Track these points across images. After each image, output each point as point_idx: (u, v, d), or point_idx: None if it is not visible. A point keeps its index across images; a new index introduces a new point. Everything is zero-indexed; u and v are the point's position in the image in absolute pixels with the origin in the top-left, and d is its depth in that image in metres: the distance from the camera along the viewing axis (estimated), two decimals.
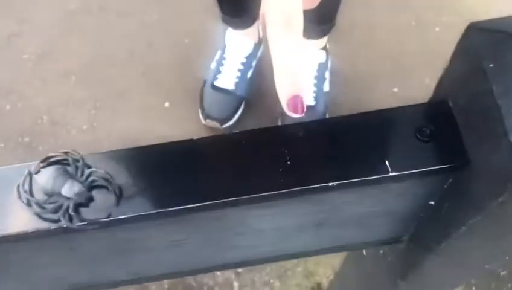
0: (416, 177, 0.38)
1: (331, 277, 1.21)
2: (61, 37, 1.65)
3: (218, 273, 1.30)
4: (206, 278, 1.30)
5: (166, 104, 1.53)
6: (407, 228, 0.53)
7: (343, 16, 1.33)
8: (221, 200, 0.36)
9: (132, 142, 1.53)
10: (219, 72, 1.42)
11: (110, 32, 1.63)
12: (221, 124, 1.46)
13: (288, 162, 0.37)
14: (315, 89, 1.37)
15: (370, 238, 0.54)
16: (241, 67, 1.43)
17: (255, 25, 1.36)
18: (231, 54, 1.41)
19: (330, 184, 0.36)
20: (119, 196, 0.37)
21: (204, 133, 1.49)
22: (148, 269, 0.50)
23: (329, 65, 1.41)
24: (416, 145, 0.37)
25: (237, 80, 1.41)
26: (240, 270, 1.28)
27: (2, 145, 1.53)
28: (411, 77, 1.49)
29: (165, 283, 1.26)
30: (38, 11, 1.66)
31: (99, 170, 0.36)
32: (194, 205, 0.36)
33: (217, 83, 1.42)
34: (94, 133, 1.52)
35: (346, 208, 0.42)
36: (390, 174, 0.36)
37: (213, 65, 1.44)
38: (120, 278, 0.52)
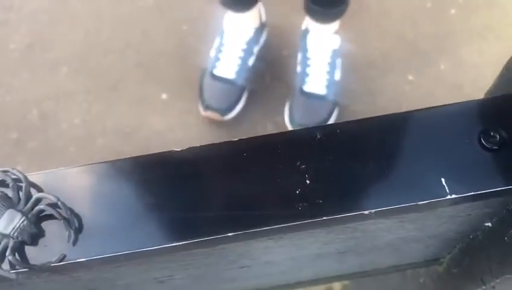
0: (480, 199, 0.28)
1: (345, 282, 1.11)
2: (51, 25, 1.55)
3: None
4: None
5: (164, 96, 1.43)
6: (448, 249, 0.43)
7: None
8: (217, 236, 0.26)
9: (127, 138, 1.43)
10: (218, 59, 1.32)
11: (103, 19, 1.53)
12: (222, 115, 1.36)
13: (308, 181, 0.27)
14: (327, 77, 1.27)
15: (401, 261, 0.44)
16: (242, 54, 1.33)
17: (256, 7, 1.25)
18: (230, 39, 1.31)
19: (366, 212, 0.26)
20: (77, 230, 0.27)
21: (205, 126, 1.40)
22: None
23: (341, 51, 1.31)
24: (481, 155, 0.27)
25: (237, 68, 1.31)
26: None
27: None
28: (426, 63, 1.39)
29: None
30: None
31: (49, 195, 0.27)
32: (178, 244, 0.26)
33: (216, 72, 1.32)
34: (87, 127, 1.43)
35: (381, 235, 0.32)
36: (449, 197, 0.26)
37: (212, 53, 1.35)
38: None
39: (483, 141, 0.27)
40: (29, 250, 0.27)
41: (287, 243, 0.30)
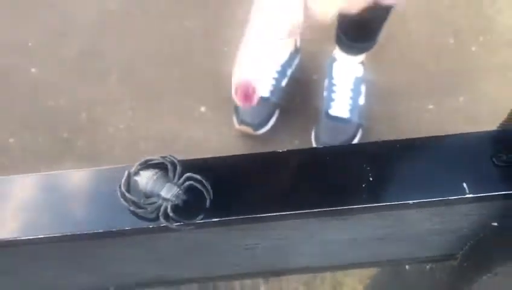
0: (490, 200, 0.40)
1: (360, 288, 1.22)
2: (102, 37, 1.68)
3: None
4: (235, 282, 1.31)
5: (202, 108, 1.55)
6: (461, 246, 0.55)
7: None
8: (308, 211, 0.38)
9: (167, 144, 1.55)
10: None
11: (150, 34, 1.66)
12: (255, 130, 1.47)
13: (371, 178, 0.39)
14: (350, 102, 1.38)
15: (424, 253, 0.56)
16: (276, 75, 1.43)
17: None
18: (266, 62, 1.42)
19: (410, 202, 0.38)
20: (212, 200, 0.39)
21: (238, 138, 1.50)
22: (214, 270, 0.53)
23: (364, 79, 1.43)
24: (493, 171, 0.40)
25: (272, 88, 1.42)
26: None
27: (40, 139, 1.56)
28: (446, 95, 1.50)
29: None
30: (79, 11, 1.70)
31: (196, 175, 0.39)
32: (280, 213, 0.38)
33: None
34: (131, 132, 1.55)
35: (414, 224, 0.45)
36: (467, 195, 0.38)
37: None
38: (183, 277, 0.55)
39: (494, 161, 0.40)
40: (179, 211, 0.39)
41: (350, 223, 0.43)
